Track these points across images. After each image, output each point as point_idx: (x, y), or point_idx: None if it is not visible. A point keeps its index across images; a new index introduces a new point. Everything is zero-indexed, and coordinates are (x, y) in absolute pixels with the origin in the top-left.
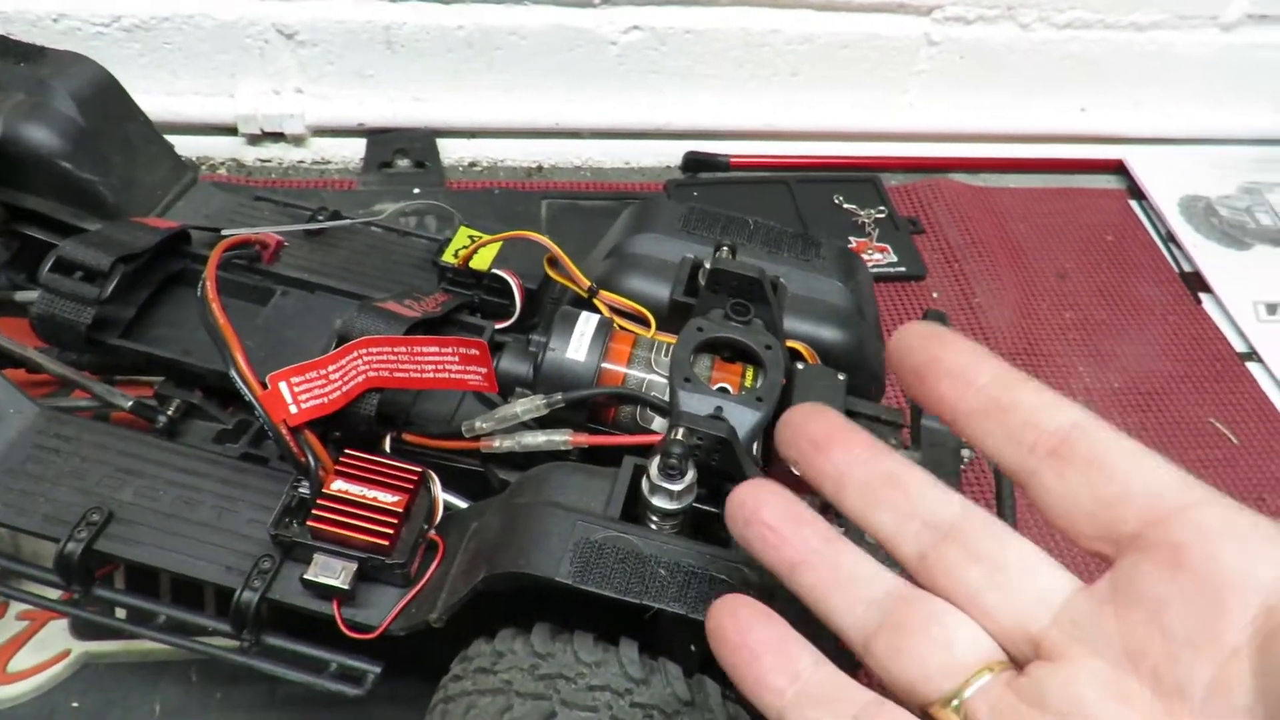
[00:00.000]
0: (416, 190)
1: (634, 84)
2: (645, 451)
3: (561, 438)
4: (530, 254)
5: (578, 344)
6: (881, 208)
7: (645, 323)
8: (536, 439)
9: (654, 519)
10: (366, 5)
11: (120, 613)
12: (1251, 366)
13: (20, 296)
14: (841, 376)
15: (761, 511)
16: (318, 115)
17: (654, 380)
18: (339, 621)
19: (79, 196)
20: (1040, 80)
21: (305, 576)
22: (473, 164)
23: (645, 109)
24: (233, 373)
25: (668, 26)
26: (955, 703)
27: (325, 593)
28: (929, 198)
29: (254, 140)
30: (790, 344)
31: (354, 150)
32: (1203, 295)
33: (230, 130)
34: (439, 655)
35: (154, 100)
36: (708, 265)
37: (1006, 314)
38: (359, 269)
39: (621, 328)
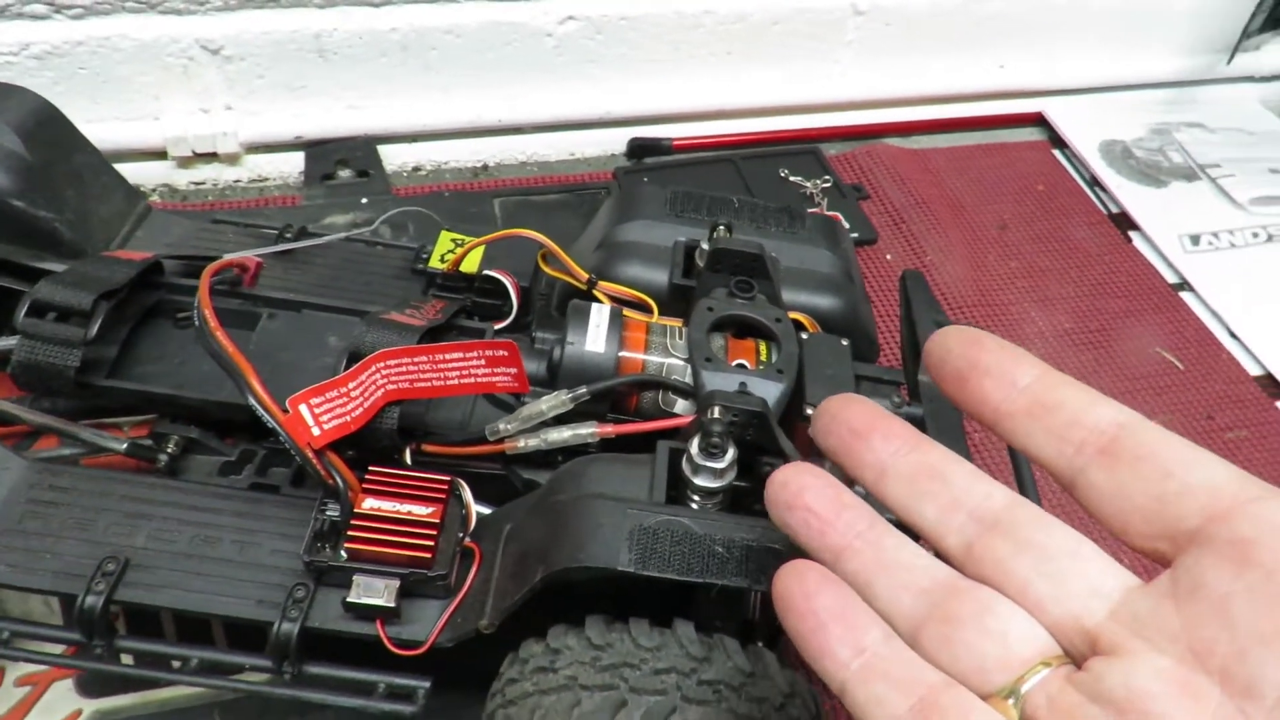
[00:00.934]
0: (364, 200)
1: (573, 74)
2: (671, 436)
3: (588, 430)
4: (513, 252)
5: (595, 336)
6: (826, 177)
7: (647, 309)
8: (562, 435)
9: (696, 499)
10: (293, 14)
11: (128, 659)
12: (1185, 295)
13: None
14: (845, 342)
15: (804, 495)
16: (251, 131)
17: (673, 364)
18: (385, 640)
19: (35, 236)
20: (961, 42)
21: (348, 599)
22: (416, 168)
23: (586, 99)
24: (251, 400)
25: (602, 15)
26: (1013, 699)
27: (368, 613)
28: (868, 164)
29: (185, 163)
30: (791, 315)
31: (292, 165)
32: (1132, 233)
33: (159, 154)
34: (476, 663)
35: None
36: (704, 246)
37: (957, 269)
38: (339, 284)
39: (628, 316)
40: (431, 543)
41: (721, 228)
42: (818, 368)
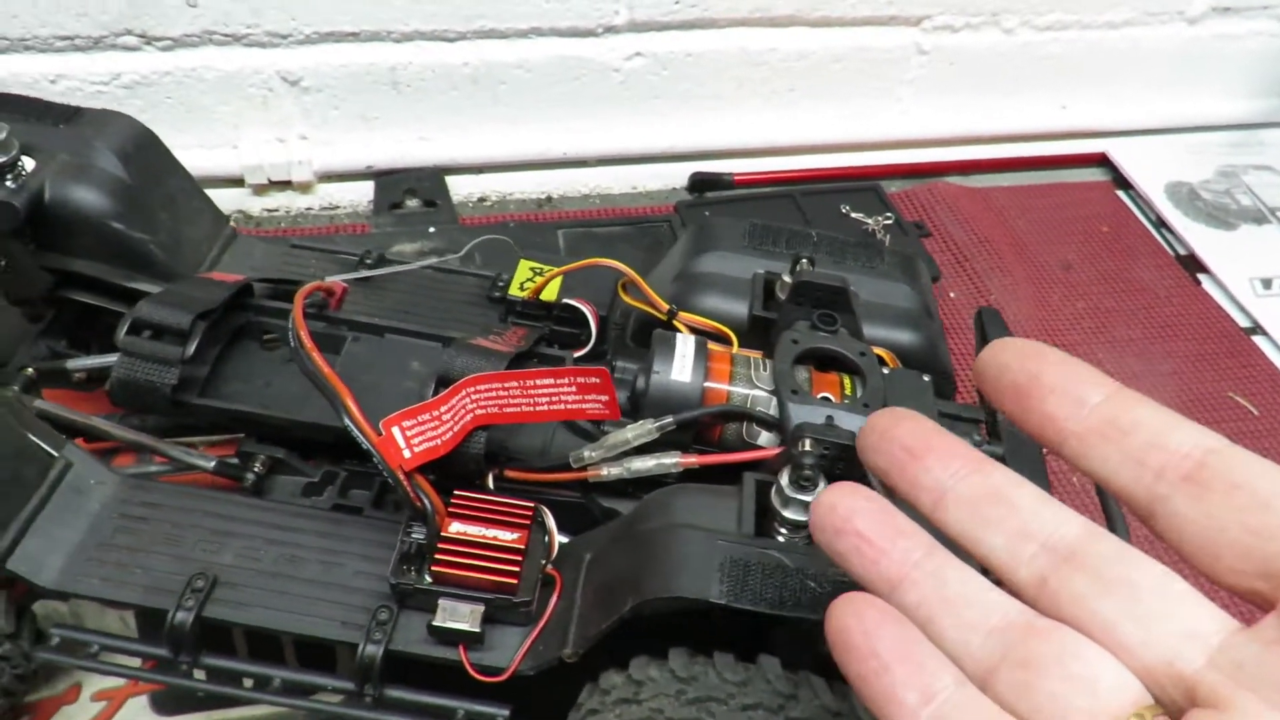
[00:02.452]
0: (432, 229)
1: (638, 109)
2: (754, 468)
3: (671, 460)
4: (588, 281)
5: (681, 365)
6: (888, 214)
7: (727, 341)
8: (646, 464)
9: (784, 532)
10: (371, 47)
11: (200, 675)
12: (1258, 340)
13: (71, 364)
14: (926, 378)
15: (855, 520)
16: (324, 161)
17: (757, 395)
18: (467, 666)
19: (130, 257)
20: (1024, 81)
21: (434, 623)
22: (482, 199)
23: (650, 133)
24: (347, 421)
25: (668, 51)
26: None
27: (452, 638)
28: (929, 201)
29: (260, 190)
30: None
31: (361, 193)
32: (1200, 276)
33: (236, 181)
34: (547, 695)
35: None
36: (785, 278)
37: (1023, 308)
38: (418, 310)
39: (711, 347)
40: (517, 569)
41: (805, 260)
42: (900, 403)
